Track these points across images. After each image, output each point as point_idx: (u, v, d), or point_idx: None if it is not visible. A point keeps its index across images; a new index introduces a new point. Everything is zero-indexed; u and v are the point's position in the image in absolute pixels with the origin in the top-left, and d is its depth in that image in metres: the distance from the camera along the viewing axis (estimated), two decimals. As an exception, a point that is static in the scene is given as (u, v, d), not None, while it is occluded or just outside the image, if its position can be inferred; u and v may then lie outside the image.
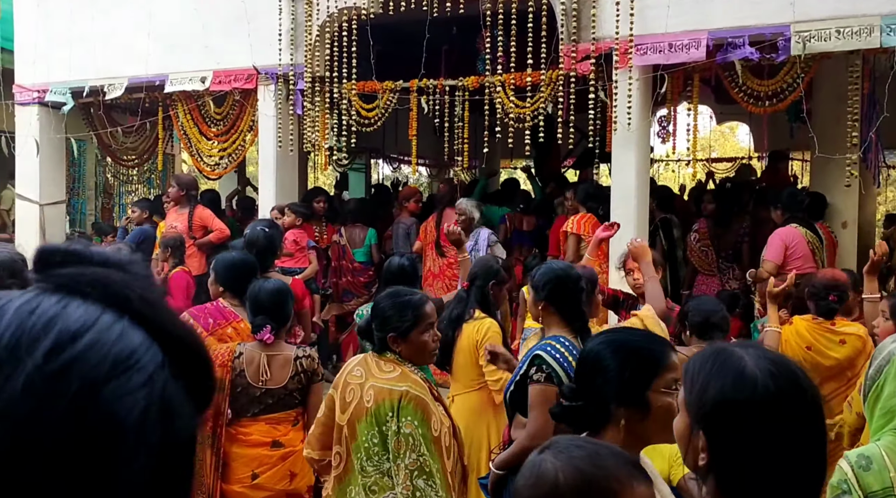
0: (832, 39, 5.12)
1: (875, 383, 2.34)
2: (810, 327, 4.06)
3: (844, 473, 2.26)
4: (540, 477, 1.38)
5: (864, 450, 2.29)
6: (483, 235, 6.67)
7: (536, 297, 3.16)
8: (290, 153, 7.29)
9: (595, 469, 1.37)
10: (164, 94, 7.65)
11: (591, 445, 1.46)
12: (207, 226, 7.20)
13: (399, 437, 2.78)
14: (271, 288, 3.74)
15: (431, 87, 6.66)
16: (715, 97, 9.26)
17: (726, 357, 1.45)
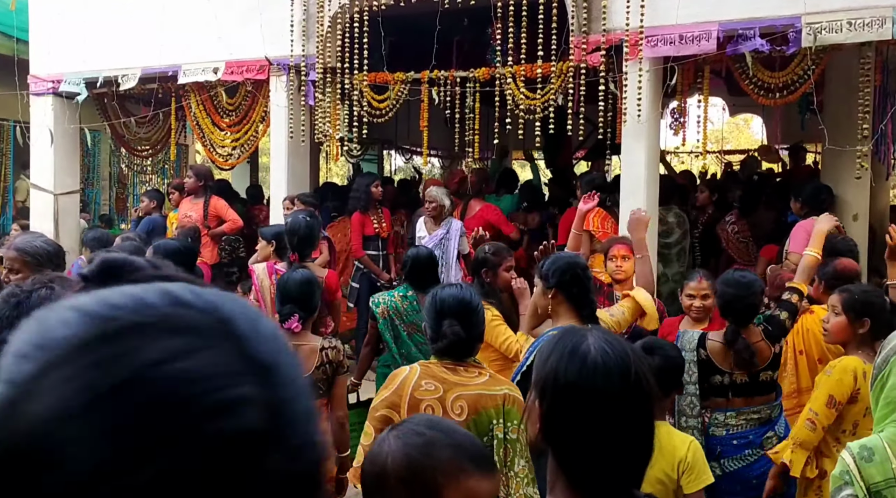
0: (843, 31, 5.10)
1: (881, 373, 2.35)
2: (818, 321, 4.06)
3: (846, 465, 2.27)
4: (374, 456, 1.41)
5: (867, 441, 2.29)
6: (455, 226, 6.61)
7: (546, 286, 3.19)
8: (302, 144, 7.33)
9: (424, 459, 1.40)
10: (178, 85, 7.71)
11: (433, 433, 1.47)
12: (221, 216, 7.28)
13: (506, 444, 2.59)
14: (299, 278, 3.78)
15: (442, 79, 6.68)
16: (728, 89, 9.23)
17: (571, 334, 1.48)
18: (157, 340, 0.54)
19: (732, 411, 3.52)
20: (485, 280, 4.21)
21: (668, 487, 2.73)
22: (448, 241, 6.55)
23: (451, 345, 2.67)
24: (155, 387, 0.52)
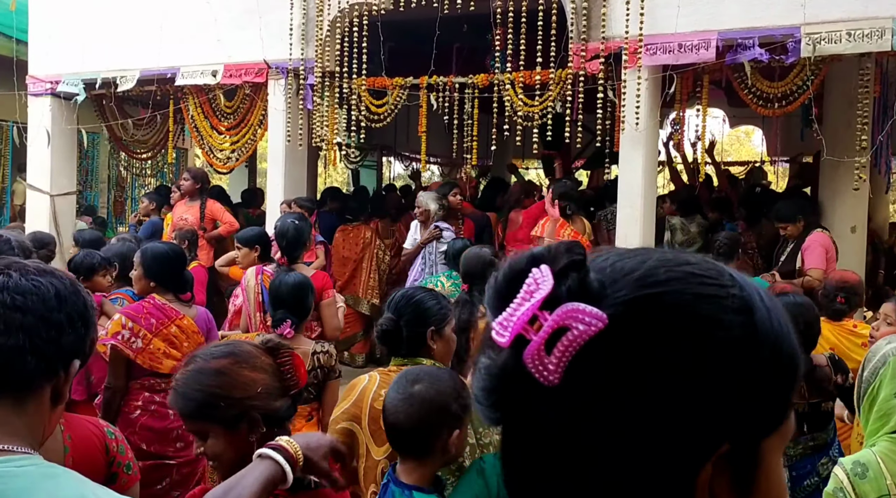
0: (843, 41, 5.08)
1: (870, 386, 2.32)
2: (833, 330, 4.01)
3: (840, 482, 2.22)
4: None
5: (860, 456, 2.25)
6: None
7: None
8: (300, 147, 7.31)
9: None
10: (176, 87, 7.70)
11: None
12: (217, 219, 7.25)
13: (480, 449, 2.40)
14: (292, 282, 3.74)
15: (441, 85, 6.67)
16: (728, 100, 9.22)
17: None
18: None
19: (790, 442, 3.44)
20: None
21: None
22: (430, 243, 6.56)
23: (384, 334, 2.64)
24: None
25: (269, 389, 1.76)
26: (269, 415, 1.76)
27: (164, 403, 4.29)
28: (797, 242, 5.78)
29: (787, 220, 5.88)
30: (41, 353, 1.14)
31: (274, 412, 1.76)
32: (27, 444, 1.11)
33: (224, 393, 1.73)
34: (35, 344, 1.13)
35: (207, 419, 1.74)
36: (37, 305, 1.15)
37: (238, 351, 1.81)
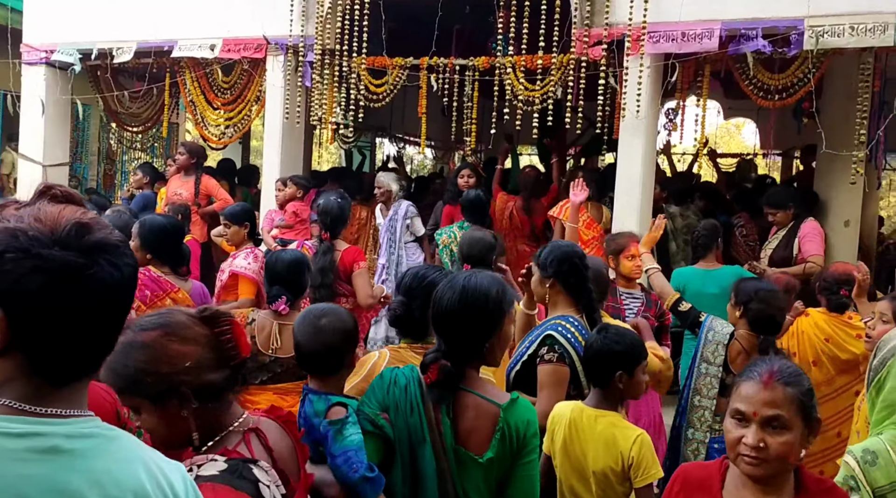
0: (846, 35, 5.10)
1: (878, 376, 2.35)
2: (828, 320, 4.07)
3: (851, 469, 2.25)
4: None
5: (869, 444, 2.29)
6: (402, 207, 6.61)
7: (544, 274, 3.17)
8: (297, 125, 7.27)
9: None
10: (172, 60, 7.63)
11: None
12: (212, 195, 7.21)
13: None
14: (289, 259, 3.74)
15: (441, 66, 6.64)
16: (724, 91, 9.23)
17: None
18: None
19: (718, 416, 3.51)
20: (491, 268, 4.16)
21: (612, 481, 2.70)
22: (395, 222, 6.57)
23: (396, 319, 2.71)
24: None
25: (201, 361, 1.68)
26: (202, 388, 1.68)
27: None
28: (789, 230, 5.81)
29: (778, 207, 5.91)
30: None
31: (208, 386, 1.68)
32: (86, 407, 1.17)
33: (150, 368, 1.65)
34: None
35: (136, 394, 1.68)
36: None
37: (169, 321, 1.72)
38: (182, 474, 1.26)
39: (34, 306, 1.08)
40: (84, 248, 1.12)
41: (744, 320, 3.52)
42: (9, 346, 1.10)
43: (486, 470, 2.11)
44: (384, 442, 2.20)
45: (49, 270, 1.08)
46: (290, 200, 6.86)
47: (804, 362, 4.02)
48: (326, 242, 4.91)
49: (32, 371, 1.12)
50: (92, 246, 1.13)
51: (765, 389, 1.88)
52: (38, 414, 1.11)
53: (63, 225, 1.12)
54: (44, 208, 1.14)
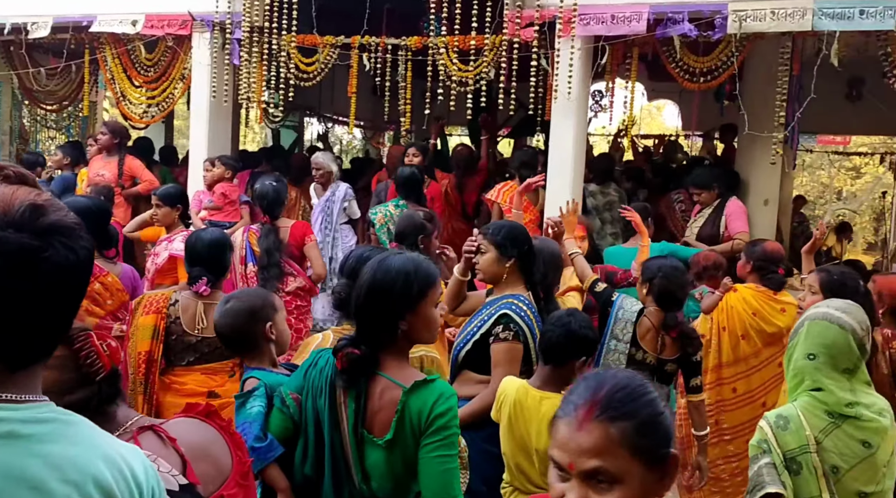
0: (767, 20, 5.29)
1: (790, 345, 2.50)
2: (755, 295, 4.24)
3: (764, 434, 2.40)
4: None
5: (782, 410, 2.43)
6: (341, 190, 6.62)
7: (503, 253, 3.21)
8: (225, 104, 7.11)
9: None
10: (91, 36, 7.33)
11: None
12: (136, 176, 7.00)
13: None
14: (208, 239, 3.70)
15: (373, 45, 6.59)
16: (648, 74, 9.45)
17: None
18: None
19: None
20: (420, 247, 4.19)
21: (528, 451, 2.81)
22: (332, 203, 6.54)
23: (340, 302, 2.72)
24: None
25: (58, 385, 1.60)
26: (70, 408, 1.67)
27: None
28: (715, 209, 6.02)
29: (703, 187, 6.11)
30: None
31: (74, 405, 1.53)
32: (40, 392, 1.15)
33: None
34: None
35: None
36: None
37: None
38: (142, 459, 1.25)
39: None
40: (39, 230, 1.08)
41: (650, 297, 3.65)
42: None
43: (387, 452, 2.12)
44: (291, 420, 2.29)
45: (2, 253, 1.05)
46: (218, 181, 6.71)
47: (733, 336, 4.20)
48: (267, 225, 5.12)
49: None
50: (47, 228, 1.09)
51: (579, 431, 1.32)
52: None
53: (17, 206, 1.08)
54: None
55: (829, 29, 5.16)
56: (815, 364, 2.39)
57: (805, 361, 2.41)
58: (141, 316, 3.58)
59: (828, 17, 5.14)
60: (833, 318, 2.40)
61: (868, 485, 2.35)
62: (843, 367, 2.38)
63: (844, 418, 2.35)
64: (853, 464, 2.33)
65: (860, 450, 2.34)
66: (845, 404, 2.35)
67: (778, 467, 2.34)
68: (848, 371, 2.39)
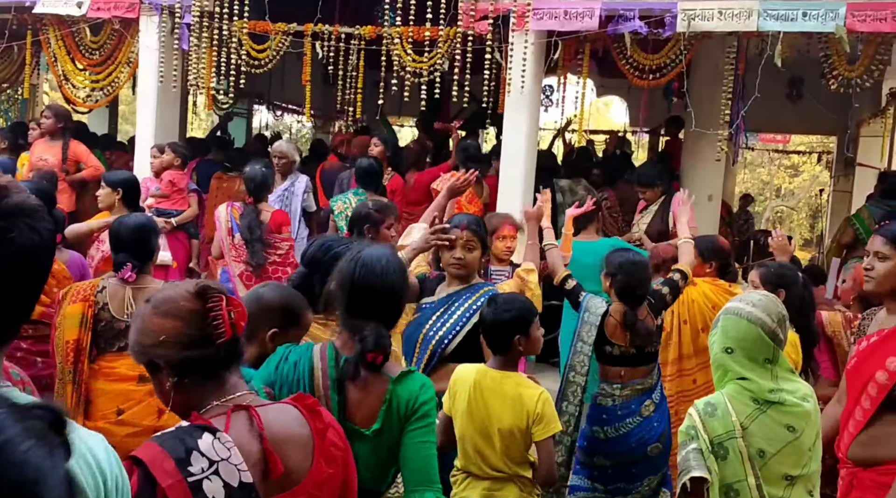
0: (714, 20, 5.43)
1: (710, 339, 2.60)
2: (713, 289, 4.35)
3: (693, 420, 2.49)
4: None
5: (710, 398, 2.53)
6: (301, 181, 6.62)
7: (483, 250, 3.45)
8: (173, 89, 6.98)
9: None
10: (35, 17, 7.11)
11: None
12: (81, 161, 6.83)
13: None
14: (133, 224, 3.63)
15: (326, 34, 6.55)
16: (598, 70, 9.59)
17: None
18: None
19: (619, 384, 3.72)
20: (367, 237, 4.20)
21: (517, 437, 2.87)
22: (292, 195, 6.51)
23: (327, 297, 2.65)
24: None
25: (176, 337, 1.65)
26: (179, 363, 1.66)
27: (31, 350, 4.08)
28: (661, 205, 6.12)
29: (648, 185, 6.18)
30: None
31: (186, 361, 1.65)
32: (3, 376, 1.16)
33: (137, 339, 1.70)
34: None
35: (138, 362, 1.75)
36: None
37: (159, 296, 1.72)
38: (104, 445, 1.25)
39: None
40: (3, 211, 1.08)
41: (612, 291, 3.74)
42: None
43: (374, 442, 2.15)
44: None
45: None
46: (166, 168, 6.60)
47: (694, 328, 4.30)
48: (250, 206, 5.41)
49: None
50: (10, 209, 1.08)
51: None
52: None
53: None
54: None
55: (773, 30, 5.33)
56: (733, 357, 2.48)
57: (724, 355, 2.50)
58: (68, 305, 3.51)
59: (772, 19, 5.30)
60: (743, 312, 2.48)
61: (794, 468, 2.44)
62: (761, 358, 2.46)
63: (770, 404, 2.44)
64: (779, 448, 2.42)
65: (785, 434, 2.43)
66: (768, 391, 2.44)
67: (704, 453, 2.42)
68: (768, 361, 2.47)
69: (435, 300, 3.43)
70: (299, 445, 1.67)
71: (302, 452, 1.67)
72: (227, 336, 1.67)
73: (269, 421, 1.63)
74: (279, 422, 1.66)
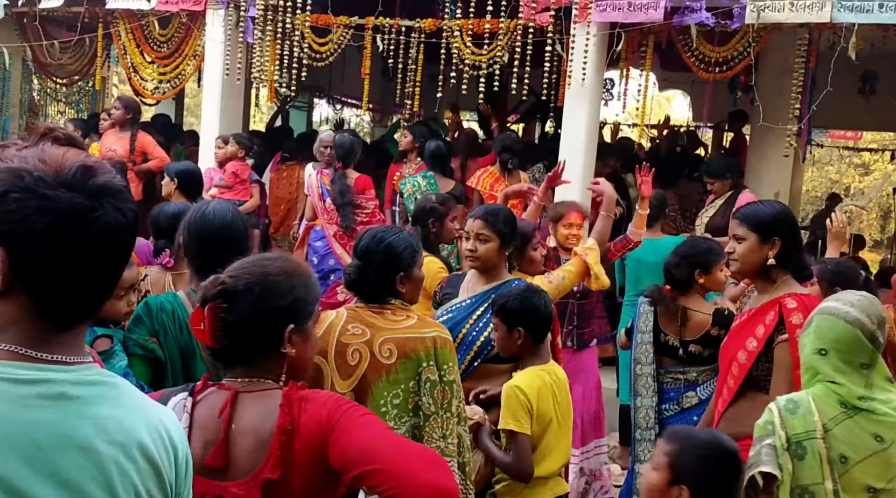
0: (785, 11, 5.26)
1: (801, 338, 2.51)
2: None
3: (771, 415, 2.40)
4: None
5: (794, 395, 2.42)
6: (310, 179, 6.60)
7: (506, 243, 3.43)
8: (238, 82, 7.10)
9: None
10: (106, 10, 7.31)
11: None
12: (148, 152, 7.01)
13: (443, 386, 2.55)
14: (171, 211, 3.68)
15: (387, 27, 6.57)
16: (661, 63, 9.41)
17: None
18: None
19: (662, 369, 3.69)
20: (431, 230, 4.21)
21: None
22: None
23: (351, 284, 2.68)
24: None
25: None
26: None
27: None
28: (727, 200, 5.98)
29: (717, 176, 6.05)
30: None
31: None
32: (85, 353, 1.18)
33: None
34: None
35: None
36: None
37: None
38: (175, 420, 1.30)
39: (39, 247, 1.07)
40: (89, 190, 1.10)
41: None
42: (13, 287, 1.09)
43: None
44: (154, 362, 2.54)
45: (55, 211, 1.07)
46: (230, 159, 6.73)
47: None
48: (339, 171, 6.00)
49: (36, 314, 1.11)
50: (97, 189, 1.11)
51: None
52: (44, 360, 1.11)
53: (68, 167, 1.10)
54: (48, 150, 1.11)
55: (847, 21, 5.13)
56: (827, 359, 2.36)
57: (816, 356, 2.38)
58: None
59: (846, 10, 5.10)
60: (840, 313, 2.36)
61: (879, 481, 2.31)
62: (858, 362, 2.34)
63: (857, 411, 2.32)
64: (864, 457, 2.30)
65: (872, 443, 2.30)
66: (857, 397, 2.32)
67: (778, 450, 2.32)
68: (864, 366, 2.35)
69: (467, 298, 3.37)
70: (257, 439, 1.66)
71: (256, 448, 1.65)
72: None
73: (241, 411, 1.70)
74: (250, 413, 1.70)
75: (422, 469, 1.57)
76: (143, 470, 1.16)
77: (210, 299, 1.68)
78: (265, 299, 1.71)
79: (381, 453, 1.58)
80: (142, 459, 1.16)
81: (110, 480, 1.11)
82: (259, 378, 1.73)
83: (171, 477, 1.23)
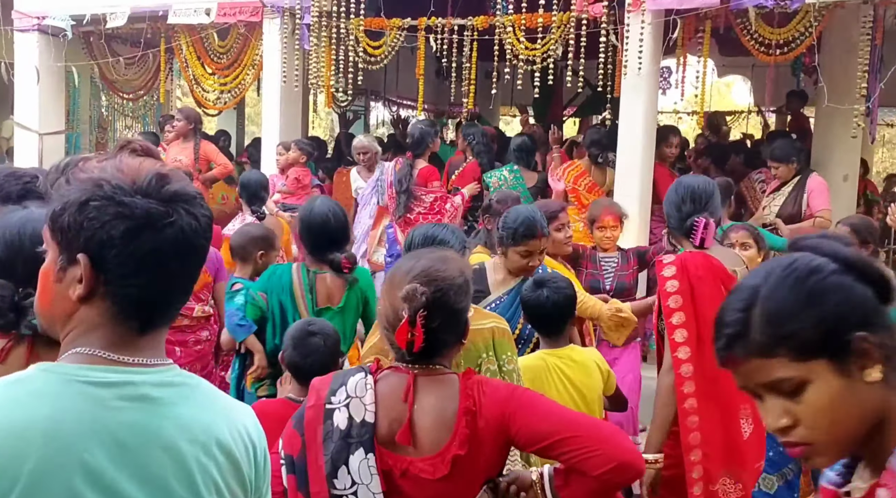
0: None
1: None
2: None
3: None
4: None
5: None
6: (387, 168, 6.62)
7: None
8: (295, 88, 7.24)
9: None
10: (167, 25, 7.54)
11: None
12: (212, 160, 7.21)
13: (503, 376, 2.55)
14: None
15: (440, 26, 6.61)
16: (719, 48, 9.21)
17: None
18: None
19: None
20: (487, 228, 4.23)
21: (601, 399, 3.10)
22: (383, 182, 6.57)
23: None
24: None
25: None
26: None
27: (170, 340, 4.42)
28: (796, 186, 5.78)
29: (783, 160, 5.77)
30: None
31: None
32: (164, 355, 1.23)
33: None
34: None
35: None
36: None
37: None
38: (254, 418, 1.34)
39: (118, 252, 1.13)
40: (164, 197, 1.16)
41: None
42: (95, 292, 1.15)
43: (341, 315, 3.48)
44: (260, 310, 3.55)
45: (132, 217, 1.13)
46: (292, 165, 6.87)
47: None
48: (409, 160, 6.18)
49: (118, 317, 1.16)
50: (172, 196, 1.17)
51: None
52: (126, 363, 1.16)
53: (144, 176, 1.16)
54: (125, 160, 1.17)
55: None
56: None
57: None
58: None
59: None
60: None
61: None
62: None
63: None
64: None
65: None
66: None
67: None
68: None
69: (502, 294, 3.35)
70: (439, 419, 1.83)
71: (437, 427, 1.83)
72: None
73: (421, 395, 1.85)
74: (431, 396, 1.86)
75: (612, 436, 1.80)
76: (224, 467, 1.21)
77: (415, 312, 1.80)
78: (457, 301, 1.88)
79: (572, 424, 1.80)
80: (222, 457, 1.20)
81: (192, 478, 1.16)
82: (434, 365, 1.90)
83: (251, 473, 1.27)
